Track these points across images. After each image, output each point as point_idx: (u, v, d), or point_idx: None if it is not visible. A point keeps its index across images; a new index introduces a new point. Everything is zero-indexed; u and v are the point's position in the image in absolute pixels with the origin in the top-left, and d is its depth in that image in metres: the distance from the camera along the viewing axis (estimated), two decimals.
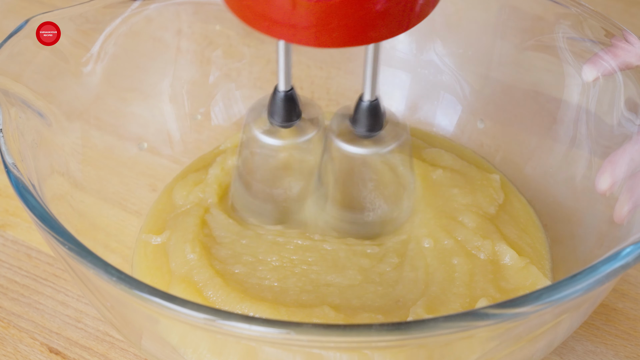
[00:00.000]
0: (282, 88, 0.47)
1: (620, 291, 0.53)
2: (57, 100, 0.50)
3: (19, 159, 0.44)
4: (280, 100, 0.47)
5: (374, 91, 0.46)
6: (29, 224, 0.58)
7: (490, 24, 0.57)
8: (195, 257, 0.49)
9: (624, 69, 0.49)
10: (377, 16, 0.38)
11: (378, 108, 0.46)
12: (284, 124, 0.48)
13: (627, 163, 0.46)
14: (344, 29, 0.38)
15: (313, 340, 0.36)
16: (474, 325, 0.35)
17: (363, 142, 0.47)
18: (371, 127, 0.47)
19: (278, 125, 0.48)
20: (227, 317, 0.36)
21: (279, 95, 0.47)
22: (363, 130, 0.47)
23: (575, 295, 0.36)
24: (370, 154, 0.47)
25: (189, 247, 0.49)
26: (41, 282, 0.54)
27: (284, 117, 0.48)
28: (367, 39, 0.39)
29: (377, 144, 0.47)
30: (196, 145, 0.59)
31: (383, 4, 0.38)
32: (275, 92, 0.47)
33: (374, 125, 0.47)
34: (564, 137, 0.54)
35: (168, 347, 0.43)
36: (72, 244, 0.39)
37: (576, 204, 0.52)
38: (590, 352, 0.50)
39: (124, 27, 0.54)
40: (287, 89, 0.47)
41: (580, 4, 0.52)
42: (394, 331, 0.35)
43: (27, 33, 0.50)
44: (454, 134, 0.59)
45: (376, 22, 0.39)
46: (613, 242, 0.45)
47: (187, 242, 0.50)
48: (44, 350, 0.50)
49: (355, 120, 0.47)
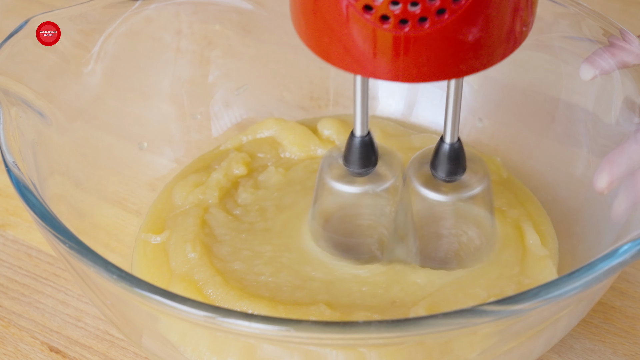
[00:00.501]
0: (358, 133, 0.44)
1: (619, 289, 0.53)
2: (57, 100, 0.50)
3: (19, 158, 0.44)
4: (357, 146, 0.44)
5: (455, 132, 0.43)
6: (29, 224, 0.58)
7: None
8: (196, 255, 0.49)
9: (622, 68, 0.49)
10: (468, 48, 0.36)
11: (460, 151, 0.44)
12: (360, 171, 0.46)
13: (625, 162, 0.47)
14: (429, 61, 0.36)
15: (312, 338, 0.36)
16: (472, 322, 0.35)
17: (444, 188, 0.45)
18: (453, 172, 0.44)
19: (354, 172, 0.46)
20: (227, 315, 0.36)
21: (355, 141, 0.45)
22: (444, 175, 0.44)
23: (573, 292, 0.36)
24: (451, 200, 0.45)
25: (190, 246, 0.50)
26: (41, 282, 0.54)
27: (361, 164, 0.45)
28: (456, 73, 0.37)
29: (459, 190, 0.45)
30: (196, 145, 0.59)
31: (474, 35, 0.36)
32: (352, 137, 0.45)
33: (456, 169, 0.44)
34: (562, 136, 0.55)
35: (168, 345, 0.43)
36: (73, 242, 0.39)
37: (575, 203, 0.53)
38: (588, 350, 0.50)
39: (123, 27, 0.54)
40: (364, 133, 0.44)
41: (579, 4, 0.52)
42: (393, 328, 0.35)
43: (27, 33, 0.50)
44: None
45: (467, 54, 0.36)
46: (612, 240, 0.45)
47: (187, 242, 0.50)
48: (44, 349, 0.51)
49: (435, 165, 0.45)
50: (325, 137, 0.58)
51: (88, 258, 0.39)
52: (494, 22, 0.36)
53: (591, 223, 0.50)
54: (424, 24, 0.35)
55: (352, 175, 0.46)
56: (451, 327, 0.35)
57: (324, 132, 0.58)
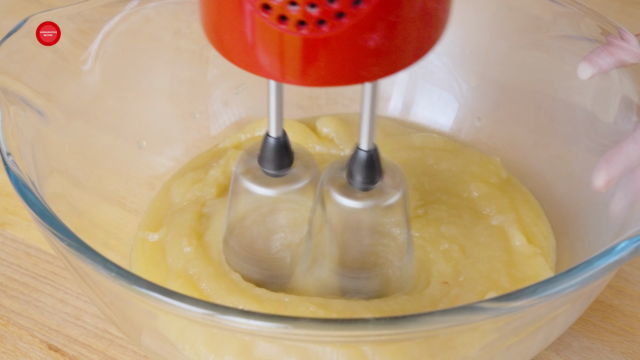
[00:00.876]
0: (273, 134, 0.44)
1: (617, 288, 0.53)
2: (56, 99, 0.51)
3: (18, 157, 0.44)
4: (272, 146, 0.44)
5: (372, 138, 0.42)
6: (28, 223, 0.58)
7: (487, 22, 0.58)
8: (192, 249, 0.49)
9: (620, 66, 0.49)
10: (370, 54, 0.35)
11: (376, 159, 0.43)
12: (276, 172, 0.45)
13: (623, 160, 0.47)
14: (328, 66, 0.35)
15: (310, 335, 0.36)
16: (471, 319, 0.35)
17: (359, 195, 0.44)
18: (368, 179, 0.43)
19: (270, 173, 0.45)
20: (225, 312, 0.36)
21: (269, 142, 0.44)
22: (360, 183, 0.44)
23: (571, 289, 0.37)
24: (367, 207, 0.44)
25: (186, 240, 0.50)
26: (40, 280, 0.54)
27: (276, 165, 0.45)
28: (358, 78, 0.36)
29: (374, 197, 0.44)
30: (194, 144, 0.59)
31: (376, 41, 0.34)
32: (267, 138, 0.44)
33: (371, 177, 0.43)
34: (561, 135, 0.55)
35: (167, 343, 0.44)
36: (72, 240, 0.39)
37: (573, 202, 0.53)
38: (586, 349, 0.50)
39: (122, 26, 0.54)
40: (278, 135, 0.44)
41: (577, 3, 0.52)
42: (391, 325, 0.35)
43: (26, 32, 0.50)
44: (451, 132, 0.60)
45: (368, 60, 0.35)
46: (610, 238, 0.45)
47: (183, 236, 0.50)
48: (44, 347, 0.51)
49: (351, 172, 0.44)
50: (324, 134, 0.58)
51: (86, 256, 0.39)
52: (397, 29, 0.35)
53: (589, 221, 0.50)
54: (323, 26, 0.34)
55: (267, 176, 0.45)
56: (449, 324, 0.35)
57: (323, 130, 0.59)
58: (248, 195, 0.46)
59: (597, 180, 0.47)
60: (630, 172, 0.46)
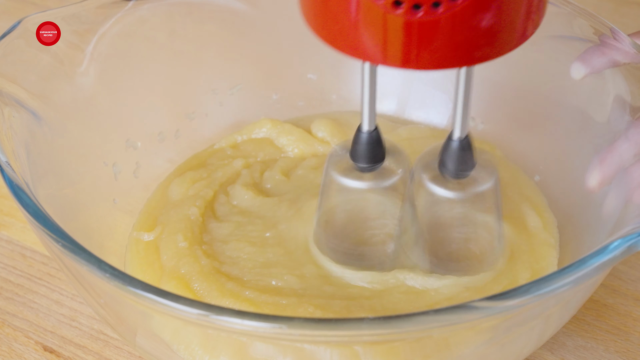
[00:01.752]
0: (366, 128, 0.44)
1: (611, 287, 0.53)
2: (51, 100, 0.51)
3: (12, 158, 0.44)
4: (364, 141, 0.44)
5: (465, 126, 0.42)
6: (23, 224, 0.58)
7: None
8: (187, 244, 0.49)
9: (613, 66, 0.49)
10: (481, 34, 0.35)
11: (469, 147, 0.43)
12: (368, 167, 0.45)
13: (616, 160, 0.47)
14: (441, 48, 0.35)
15: (304, 335, 0.36)
16: (464, 318, 0.35)
17: (453, 185, 0.44)
18: (462, 168, 0.43)
19: (361, 168, 0.45)
20: (220, 312, 0.36)
21: (362, 136, 0.44)
22: (452, 172, 0.43)
23: (564, 288, 0.37)
24: (461, 197, 0.44)
25: (181, 236, 0.50)
26: (35, 282, 0.54)
27: (368, 159, 0.44)
28: (472, 59, 0.36)
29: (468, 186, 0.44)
30: (190, 145, 0.59)
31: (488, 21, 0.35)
32: (359, 132, 0.44)
33: (464, 166, 0.43)
34: (554, 134, 0.55)
35: (162, 344, 0.44)
36: (66, 241, 0.39)
37: (568, 202, 0.53)
38: (580, 347, 0.50)
39: (117, 28, 0.54)
40: (371, 128, 0.44)
41: (570, 3, 0.52)
42: (384, 325, 0.35)
43: (20, 33, 0.50)
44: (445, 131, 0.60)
45: (480, 41, 0.36)
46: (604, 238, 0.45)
47: (179, 232, 0.50)
48: (39, 348, 0.51)
49: (443, 161, 0.44)
50: (320, 138, 0.59)
51: (81, 257, 0.39)
52: (508, 8, 0.36)
53: (583, 221, 0.50)
54: (438, 9, 0.35)
55: (359, 171, 0.45)
56: (443, 323, 0.35)
57: (318, 134, 0.59)
58: (340, 188, 0.46)
59: (591, 180, 0.47)
60: (624, 171, 0.46)
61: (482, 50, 0.36)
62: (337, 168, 0.46)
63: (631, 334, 0.51)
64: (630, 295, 0.53)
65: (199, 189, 0.54)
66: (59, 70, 0.52)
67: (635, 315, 0.52)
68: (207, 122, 0.60)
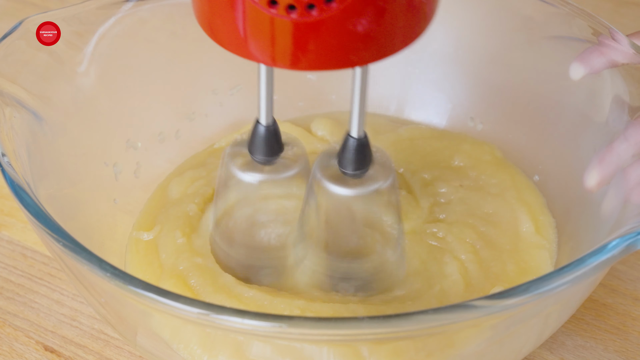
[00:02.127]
0: (264, 121, 0.44)
1: (610, 286, 0.54)
2: (51, 101, 0.51)
3: (13, 158, 0.44)
4: (262, 134, 0.44)
5: (361, 125, 0.42)
6: (24, 224, 0.58)
7: (479, 23, 0.58)
8: (184, 240, 0.50)
9: (611, 67, 0.49)
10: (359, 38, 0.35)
11: (366, 145, 0.43)
12: (265, 159, 0.45)
13: (614, 160, 0.47)
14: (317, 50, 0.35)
15: (304, 334, 0.36)
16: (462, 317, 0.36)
17: (350, 182, 0.44)
18: (360, 166, 0.44)
19: (259, 161, 0.45)
20: (220, 311, 0.36)
21: (259, 129, 0.44)
22: (350, 170, 0.44)
23: (563, 287, 0.37)
24: (357, 194, 0.44)
25: (179, 232, 0.50)
26: (36, 282, 0.55)
27: (266, 152, 0.45)
28: (348, 62, 0.36)
29: (365, 184, 0.44)
30: (190, 145, 0.59)
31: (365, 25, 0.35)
32: (257, 125, 0.44)
33: (361, 163, 0.44)
34: (553, 135, 0.55)
35: (162, 343, 0.44)
36: (67, 240, 0.40)
37: (566, 202, 0.53)
38: (580, 347, 0.51)
39: (117, 28, 0.54)
40: (269, 122, 0.44)
41: (569, 3, 0.53)
42: (385, 324, 0.35)
43: (21, 34, 0.50)
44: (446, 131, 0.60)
45: (358, 45, 0.35)
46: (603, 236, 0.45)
47: (177, 229, 0.50)
48: (39, 348, 0.51)
49: (341, 160, 0.44)
50: (319, 137, 0.59)
51: (82, 256, 0.39)
52: (386, 14, 0.36)
53: (582, 220, 0.50)
54: (312, 11, 0.35)
55: (256, 164, 0.45)
56: (441, 322, 0.35)
57: (318, 132, 0.59)
58: (236, 182, 0.46)
59: (590, 180, 0.48)
60: (622, 171, 0.46)
61: (361, 54, 0.36)
62: (234, 161, 0.46)
63: (630, 333, 0.51)
64: (629, 295, 0.53)
65: (198, 187, 0.54)
66: (60, 70, 0.52)
67: (634, 314, 0.52)
68: (207, 123, 0.60)
